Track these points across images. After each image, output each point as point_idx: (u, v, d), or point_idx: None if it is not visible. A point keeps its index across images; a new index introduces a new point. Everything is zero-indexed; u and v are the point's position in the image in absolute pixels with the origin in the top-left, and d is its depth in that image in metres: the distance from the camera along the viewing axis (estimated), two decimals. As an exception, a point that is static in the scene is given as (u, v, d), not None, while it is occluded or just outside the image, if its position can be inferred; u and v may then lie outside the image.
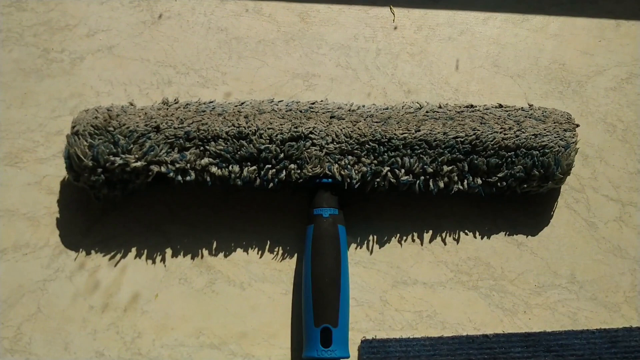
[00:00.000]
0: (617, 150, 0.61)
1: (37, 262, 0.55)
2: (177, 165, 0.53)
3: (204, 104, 0.57)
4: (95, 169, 0.53)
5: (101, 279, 0.55)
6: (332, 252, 0.52)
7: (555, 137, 0.55)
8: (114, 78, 0.63)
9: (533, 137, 0.55)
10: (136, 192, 0.57)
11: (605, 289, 0.56)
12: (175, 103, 0.57)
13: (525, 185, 0.55)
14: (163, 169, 0.53)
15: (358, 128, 0.55)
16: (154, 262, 0.56)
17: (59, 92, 0.62)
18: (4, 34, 0.64)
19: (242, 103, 0.57)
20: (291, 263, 0.56)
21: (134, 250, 0.56)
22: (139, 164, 0.53)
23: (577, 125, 0.57)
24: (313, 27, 0.66)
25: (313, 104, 0.58)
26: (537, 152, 0.55)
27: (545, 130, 0.56)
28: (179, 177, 0.54)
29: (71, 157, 0.54)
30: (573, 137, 0.56)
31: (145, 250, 0.56)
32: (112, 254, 0.56)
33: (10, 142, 0.60)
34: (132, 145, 0.53)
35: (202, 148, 0.54)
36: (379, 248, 0.57)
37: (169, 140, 0.54)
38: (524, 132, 0.55)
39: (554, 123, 0.56)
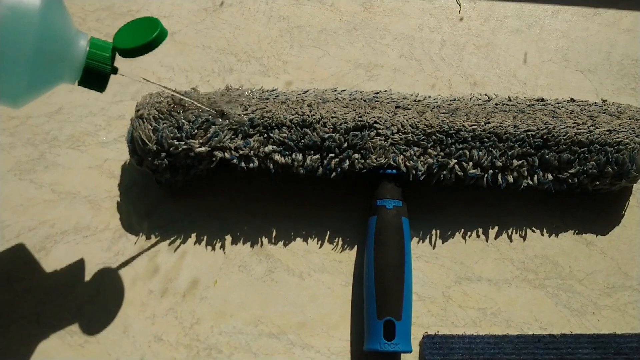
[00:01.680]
0: (692, 150, 0.59)
1: (97, 245, 0.55)
2: (241, 152, 0.53)
3: (267, 91, 0.57)
4: (159, 153, 0.53)
5: (161, 263, 0.55)
6: (396, 244, 0.51)
7: (630, 134, 0.53)
8: (175, 64, 0.63)
9: (607, 132, 0.53)
10: (197, 178, 0.56)
11: (678, 293, 0.53)
12: (238, 90, 0.57)
13: (598, 183, 0.54)
14: (227, 155, 0.53)
15: (425, 119, 0.54)
16: (213, 248, 0.55)
17: (120, 77, 0.62)
18: (68, 19, 0.65)
19: (306, 92, 0.57)
20: (351, 254, 0.55)
21: (193, 236, 0.56)
22: (203, 149, 0.53)
23: (654, 121, 0.55)
24: (376, 17, 0.65)
25: (377, 93, 0.57)
26: (612, 148, 0.53)
27: (620, 126, 0.54)
28: (242, 164, 0.53)
29: (135, 140, 0.53)
30: (649, 134, 0.54)
31: (205, 237, 0.56)
32: (172, 239, 0.56)
33: (73, 125, 0.60)
34: (196, 130, 0.53)
35: (265, 135, 0.53)
36: (442, 243, 0.55)
37: (233, 127, 0.53)
38: (597, 128, 0.53)
39: (630, 119, 0.54)
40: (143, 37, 0.43)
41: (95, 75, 0.44)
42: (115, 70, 0.45)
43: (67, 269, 0.54)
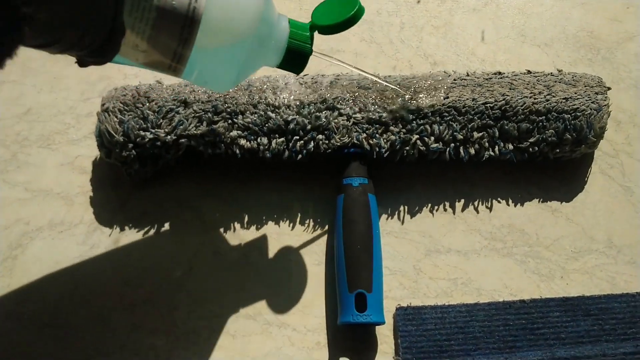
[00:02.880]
0: (650, 115, 0.60)
1: (73, 239, 0.56)
2: (207, 139, 0.54)
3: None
4: (126, 145, 0.54)
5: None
6: (363, 220, 0.52)
7: (587, 100, 0.54)
8: (142, 60, 0.64)
9: (564, 100, 0.54)
10: (167, 168, 0.57)
11: (644, 253, 0.55)
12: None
13: (558, 150, 0.55)
14: (193, 143, 0.54)
15: (385, 97, 0.55)
16: (186, 236, 0.56)
17: (87, 75, 0.63)
18: (34, 22, 0.66)
19: (268, 77, 0.58)
20: (322, 234, 0.56)
21: (166, 225, 0.57)
22: (169, 138, 0.53)
23: (609, 88, 0.56)
24: (337, 4, 0.67)
25: (339, 75, 0.58)
26: (569, 115, 0.54)
27: (576, 93, 0.55)
28: (209, 150, 0.54)
29: (102, 134, 0.54)
30: (605, 100, 0.55)
31: (178, 225, 0.56)
32: (146, 229, 0.56)
33: (42, 125, 0.61)
34: (161, 120, 0.54)
35: (230, 121, 0.54)
36: (411, 218, 0.56)
37: (198, 114, 0.54)
38: (554, 96, 0.55)
39: (585, 86, 0.56)
40: (342, 14, 0.44)
41: (297, 56, 0.44)
42: (311, 50, 0.45)
43: (45, 264, 0.55)
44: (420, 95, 0.55)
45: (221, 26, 0.37)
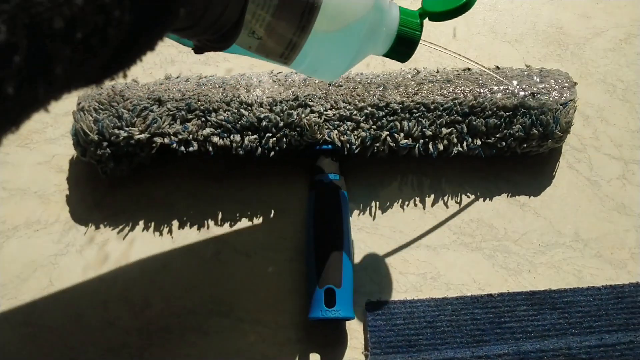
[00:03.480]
0: (617, 110, 0.61)
1: (49, 238, 0.57)
2: (180, 137, 0.54)
3: (205, 77, 0.59)
4: (101, 143, 0.54)
5: (110, 251, 0.56)
6: (335, 216, 0.53)
7: (553, 96, 0.55)
8: (118, 59, 0.65)
9: (531, 96, 0.55)
10: (142, 166, 0.58)
11: (610, 247, 0.55)
12: (177, 78, 0.59)
13: (525, 145, 0.56)
14: (166, 141, 0.54)
15: (356, 94, 0.56)
16: (161, 233, 0.57)
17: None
18: (11, 22, 0.66)
19: (242, 75, 0.58)
20: (295, 231, 0.57)
21: (141, 223, 0.57)
22: (142, 136, 0.54)
23: (575, 84, 0.57)
24: (311, 3, 0.67)
25: (311, 74, 0.59)
26: (536, 110, 0.55)
27: (542, 89, 0.56)
28: (182, 148, 0.55)
29: (77, 132, 0.55)
30: (571, 95, 0.56)
31: (153, 223, 0.57)
32: (121, 227, 0.57)
33: (20, 124, 0.61)
34: (135, 119, 0.55)
35: (203, 119, 0.55)
36: (382, 214, 0.57)
37: (171, 113, 0.55)
38: (522, 92, 0.55)
39: (552, 82, 0.56)
40: (455, 0, 0.42)
41: (406, 44, 0.43)
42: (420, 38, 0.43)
43: (20, 262, 0.56)
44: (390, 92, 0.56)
45: (338, 12, 0.37)
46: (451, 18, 0.43)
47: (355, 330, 0.52)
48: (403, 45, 0.43)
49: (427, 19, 0.43)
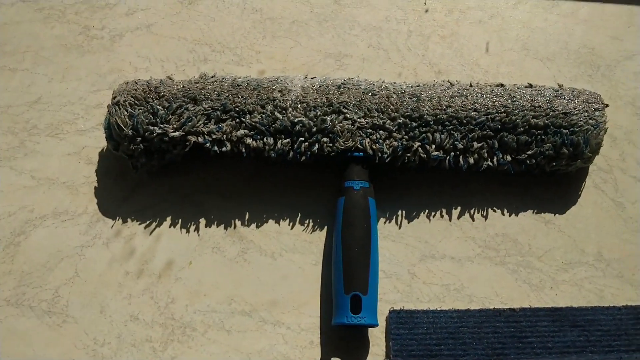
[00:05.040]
0: (645, 133, 0.62)
1: (76, 229, 0.57)
2: (214, 136, 0.55)
3: (240, 78, 0.59)
4: (134, 138, 0.55)
5: (137, 246, 0.56)
6: (363, 223, 0.53)
7: (584, 116, 0.56)
8: (151, 55, 0.65)
9: (563, 115, 0.56)
10: (172, 163, 0.58)
11: (631, 267, 0.56)
12: (212, 77, 0.59)
13: (554, 164, 0.56)
14: (200, 140, 0.55)
15: (390, 103, 0.56)
16: (187, 231, 0.57)
17: (98, 67, 0.64)
18: (46, 12, 0.67)
19: (277, 78, 0.59)
20: (321, 235, 0.57)
21: (168, 219, 0.58)
22: (176, 133, 0.55)
23: (607, 105, 0.57)
24: (346, 9, 0.68)
25: (345, 80, 0.59)
26: (567, 130, 0.55)
27: (574, 109, 0.56)
28: (215, 148, 0.55)
29: (111, 126, 0.55)
30: (602, 117, 0.56)
31: (180, 220, 0.58)
32: (148, 222, 0.57)
33: (52, 114, 0.62)
34: (170, 116, 0.55)
35: (238, 120, 0.56)
36: (408, 223, 0.58)
37: (206, 112, 0.55)
38: (553, 111, 0.56)
39: (584, 102, 0.57)
40: None
41: None
42: None
43: (46, 252, 0.56)
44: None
45: None
46: None
47: (377, 337, 0.53)
48: None
49: None
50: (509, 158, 0.56)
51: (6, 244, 0.56)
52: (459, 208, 0.58)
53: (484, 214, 0.58)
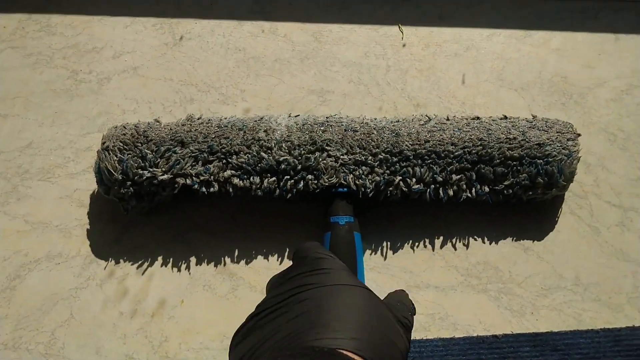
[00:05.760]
0: (618, 159, 0.64)
1: (69, 271, 0.59)
2: (202, 178, 0.57)
3: (225, 118, 0.61)
4: (124, 182, 0.56)
5: (130, 286, 0.58)
6: (349, 258, 0.55)
7: (558, 146, 0.58)
8: (139, 97, 0.67)
9: (537, 146, 0.58)
10: (162, 204, 0.60)
11: (608, 291, 0.58)
12: (199, 119, 0.61)
13: (531, 193, 0.58)
14: (188, 182, 0.57)
15: (371, 139, 0.58)
16: (179, 270, 0.59)
17: (87, 110, 0.66)
18: (35, 57, 0.68)
19: (261, 118, 0.61)
20: (309, 269, 0.59)
21: (160, 258, 0.59)
22: (165, 176, 0.56)
23: (579, 135, 0.60)
24: (326, 46, 0.70)
25: (328, 117, 0.61)
26: (541, 160, 0.57)
27: (548, 139, 0.59)
28: (204, 189, 0.57)
29: (102, 171, 0.57)
30: (575, 146, 0.58)
31: (171, 259, 0.59)
32: (140, 262, 0.59)
33: (43, 158, 0.63)
34: (159, 159, 0.57)
35: (224, 161, 0.57)
36: (393, 254, 0.60)
37: (194, 154, 0.57)
38: (528, 142, 0.58)
39: (557, 133, 0.59)
40: None
41: None
42: None
43: (42, 295, 0.57)
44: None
45: None
46: None
47: (366, 368, 0.54)
48: None
49: None
50: (486, 189, 0.58)
51: (2, 288, 0.57)
52: (441, 238, 0.60)
53: (465, 243, 0.60)
